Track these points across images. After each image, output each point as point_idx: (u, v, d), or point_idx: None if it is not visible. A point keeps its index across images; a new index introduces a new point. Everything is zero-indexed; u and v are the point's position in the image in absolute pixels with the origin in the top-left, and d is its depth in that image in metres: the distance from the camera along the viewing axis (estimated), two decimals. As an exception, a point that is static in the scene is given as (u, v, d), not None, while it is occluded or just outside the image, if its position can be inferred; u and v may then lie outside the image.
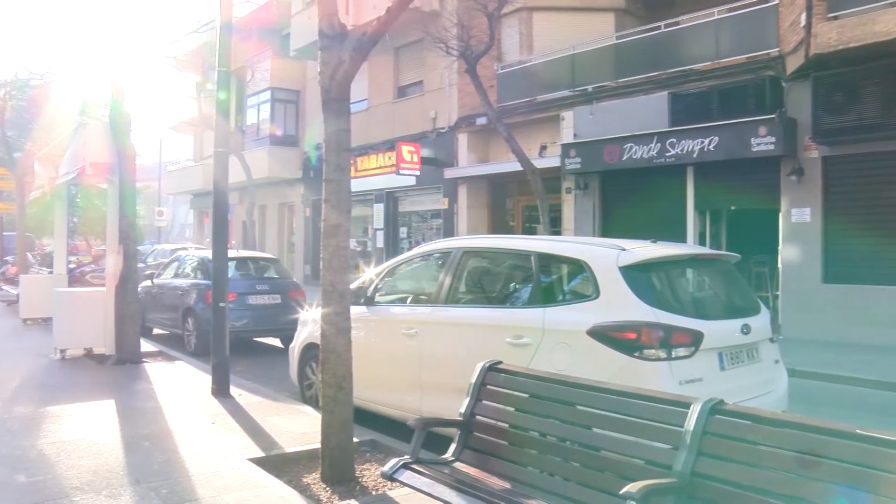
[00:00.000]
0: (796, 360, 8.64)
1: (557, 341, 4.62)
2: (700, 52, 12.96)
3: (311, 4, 20.28)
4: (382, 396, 5.94)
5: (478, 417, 3.77)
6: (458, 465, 3.68)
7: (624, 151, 13.45)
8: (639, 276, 4.56)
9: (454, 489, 3.34)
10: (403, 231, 20.84)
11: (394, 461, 3.72)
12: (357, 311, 5.64)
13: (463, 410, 3.80)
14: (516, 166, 13.65)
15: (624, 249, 4.69)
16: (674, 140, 12.69)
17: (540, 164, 14.19)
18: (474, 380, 3.85)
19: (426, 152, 18.57)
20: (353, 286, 5.84)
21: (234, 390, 7.35)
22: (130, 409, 6.61)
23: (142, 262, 15.89)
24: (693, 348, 4.33)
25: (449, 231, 18.30)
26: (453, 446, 3.79)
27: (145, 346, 9.95)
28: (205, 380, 7.76)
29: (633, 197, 14.20)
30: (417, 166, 18.35)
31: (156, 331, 12.61)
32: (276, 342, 11.86)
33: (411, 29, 17.55)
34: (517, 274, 5.51)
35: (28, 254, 18.94)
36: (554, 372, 3.98)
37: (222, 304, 7.41)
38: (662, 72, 13.43)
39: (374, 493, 4.41)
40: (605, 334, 4.40)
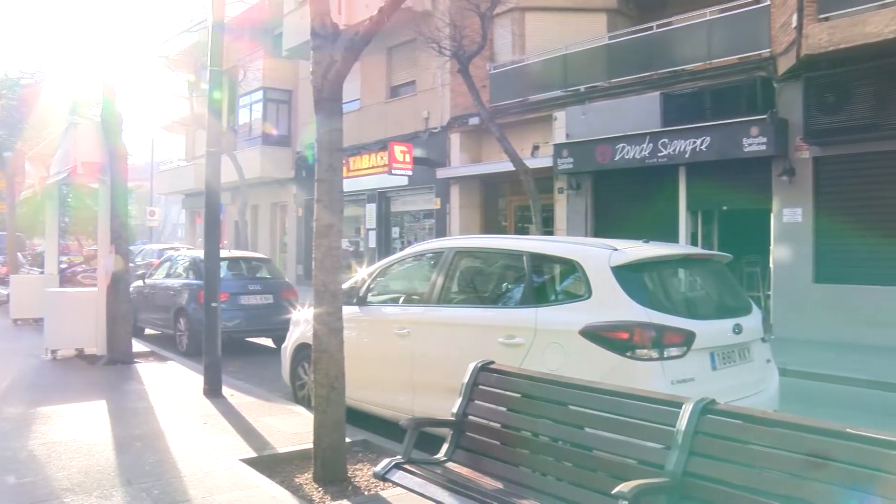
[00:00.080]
0: (788, 360, 8.69)
1: (550, 341, 4.63)
2: (692, 53, 12.98)
3: (304, 4, 20.21)
4: (375, 396, 5.93)
5: (470, 417, 3.77)
6: (450, 465, 3.68)
7: (616, 151, 13.48)
8: (631, 276, 4.57)
9: (446, 489, 3.34)
10: (396, 231, 20.82)
11: (386, 461, 3.72)
12: (349, 311, 5.64)
13: (455, 410, 3.80)
14: (509, 166, 13.66)
15: (616, 249, 4.70)
16: (666, 140, 12.72)
17: (532, 164, 14.18)
18: (466, 380, 3.85)
19: (419, 152, 18.56)
20: (345, 286, 5.84)
21: (226, 390, 7.33)
22: (122, 410, 6.58)
23: (131, 263, 15.81)
24: (685, 348, 4.35)
25: (441, 231, 18.27)
26: (445, 446, 3.80)
27: (137, 346, 9.89)
28: (197, 380, 7.73)
29: (625, 197, 14.24)
30: (410, 166, 18.35)
31: (147, 331, 12.54)
32: (268, 342, 11.83)
33: (404, 29, 17.52)
34: (509, 274, 5.52)
35: (19, 254, 18.82)
36: (546, 372, 3.98)
37: (214, 305, 7.39)
38: (654, 72, 13.46)
39: (366, 494, 4.41)
40: (597, 334, 4.41)
